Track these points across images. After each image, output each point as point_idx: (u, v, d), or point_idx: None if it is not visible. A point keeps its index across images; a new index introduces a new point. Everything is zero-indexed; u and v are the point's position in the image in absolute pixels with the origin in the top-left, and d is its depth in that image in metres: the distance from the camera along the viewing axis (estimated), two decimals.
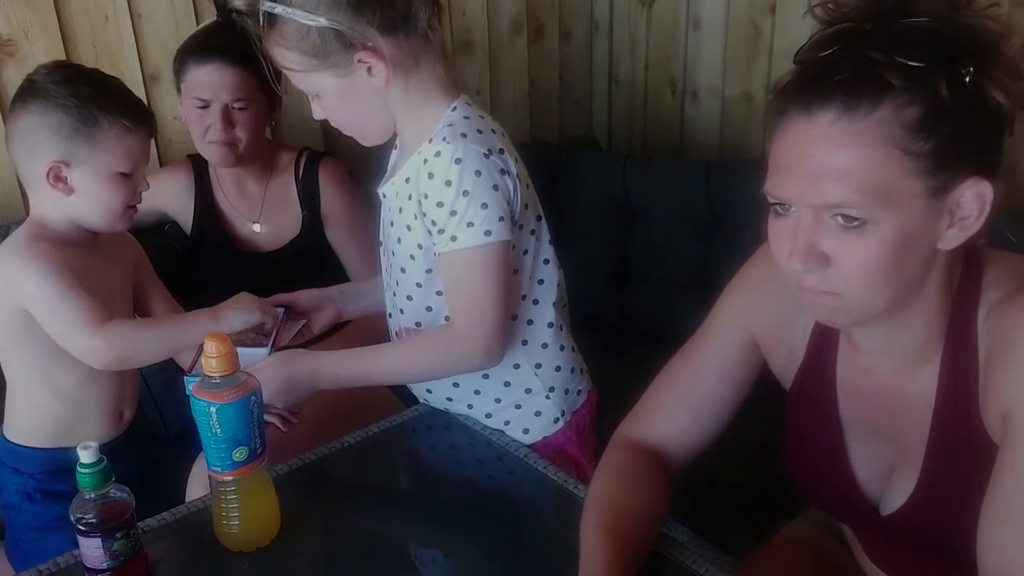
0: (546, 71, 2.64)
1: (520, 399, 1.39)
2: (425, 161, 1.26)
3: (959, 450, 0.94)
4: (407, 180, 1.30)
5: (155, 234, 1.94)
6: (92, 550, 1.03)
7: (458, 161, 1.23)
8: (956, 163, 0.85)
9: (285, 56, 1.25)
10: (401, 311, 1.40)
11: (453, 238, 1.25)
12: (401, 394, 1.79)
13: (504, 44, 2.52)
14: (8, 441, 1.49)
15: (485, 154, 1.24)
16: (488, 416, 1.40)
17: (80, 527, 1.02)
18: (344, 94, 1.26)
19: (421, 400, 1.48)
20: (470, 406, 1.41)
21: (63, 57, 1.88)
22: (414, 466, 1.36)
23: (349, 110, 1.30)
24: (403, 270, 1.36)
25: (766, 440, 1.16)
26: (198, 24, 2.01)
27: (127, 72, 1.97)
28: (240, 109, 1.74)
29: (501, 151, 1.27)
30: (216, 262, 1.90)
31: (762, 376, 1.14)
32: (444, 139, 1.24)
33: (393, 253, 1.38)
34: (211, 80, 1.72)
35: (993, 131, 0.86)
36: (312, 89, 1.28)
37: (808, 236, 0.88)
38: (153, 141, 2.02)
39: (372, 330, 1.78)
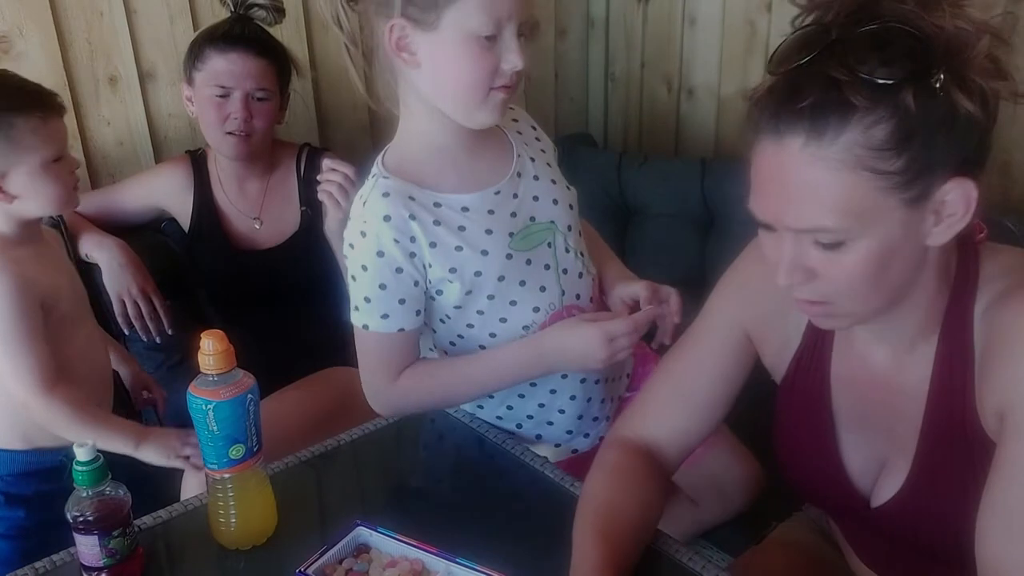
0: (542, 68, 2.64)
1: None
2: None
3: (951, 442, 0.94)
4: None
5: (152, 231, 1.94)
6: (89, 548, 1.03)
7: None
8: (932, 171, 0.84)
9: None
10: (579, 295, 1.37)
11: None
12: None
13: None
14: None
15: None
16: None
17: (77, 525, 1.02)
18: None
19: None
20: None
21: (58, 54, 1.88)
22: (410, 463, 1.36)
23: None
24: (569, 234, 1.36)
25: (760, 439, 1.17)
26: (194, 20, 2.00)
27: (122, 69, 1.97)
28: (260, 100, 1.76)
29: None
30: (214, 259, 1.90)
31: (758, 375, 1.14)
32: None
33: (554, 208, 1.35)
34: (235, 68, 1.73)
35: (972, 132, 0.84)
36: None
37: (792, 254, 0.89)
38: (150, 139, 2.04)
39: (345, 380, 1.78)
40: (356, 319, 1.28)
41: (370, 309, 1.26)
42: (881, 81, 0.81)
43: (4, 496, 1.47)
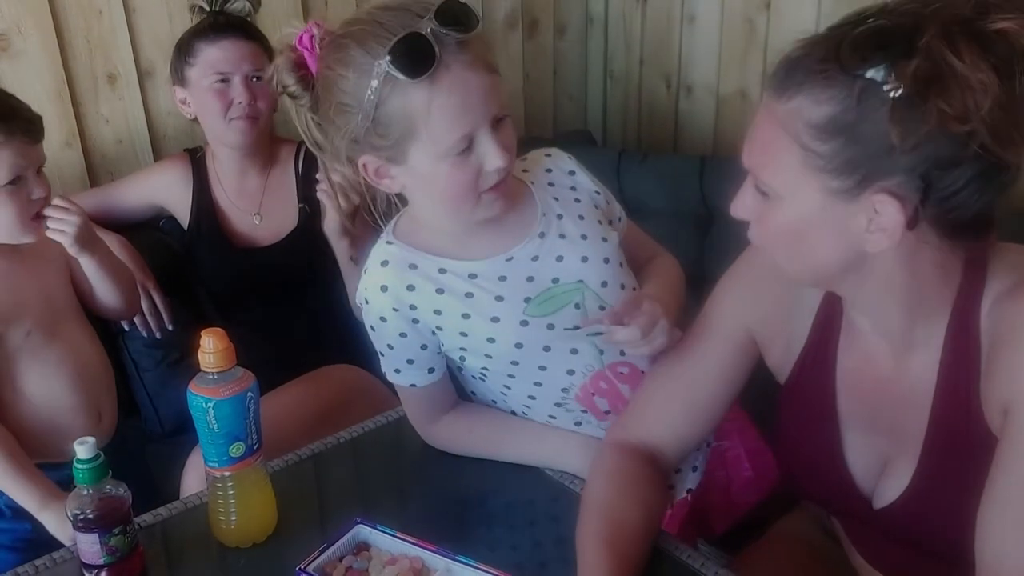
0: (541, 66, 2.64)
1: None
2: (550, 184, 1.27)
3: (957, 442, 0.94)
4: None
5: (151, 229, 1.94)
6: (89, 546, 1.03)
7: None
8: (861, 174, 0.84)
9: None
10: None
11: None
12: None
13: (499, 39, 2.52)
14: None
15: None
16: None
17: (77, 523, 1.02)
18: None
19: None
20: None
21: (57, 52, 1.88)
22: (410, 461, 1.36)
23: None
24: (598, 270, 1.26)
25: (763, 436, 1.17)
26: (192, 18, 2.00)
27: (121, 67, 1.97)
28: (259, 80, 1.77)
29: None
30: (213, 257, 1.90)
31: (760, 373, 1.14)
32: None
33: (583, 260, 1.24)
34: (229, 54, 1.74)
35: (931, 168, 0.82)
36: None
37: (745, 190, 0.95)
38: (149, 137, 2.03)
39: (344, 378, 1.78)
40: (382, 366, 1.30)
41: (386, 363, 1.27)
42: (845, 65, 0.82)
43: (11, 510, 1.47)
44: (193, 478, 1.52)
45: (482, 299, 1.20)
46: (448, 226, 1.20)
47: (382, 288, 1.20)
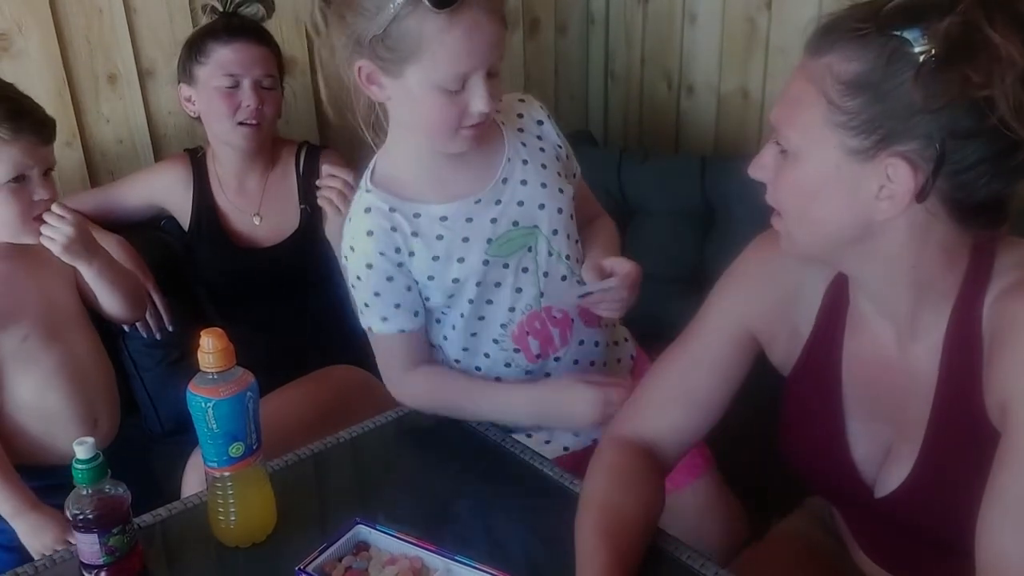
0: (542, 65, 2.64)
1: None
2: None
3: (959, 432, 0.94)
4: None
5: (151, 229, 1.94)
6: (88, 546, 1.03)
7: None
8: (880, 134, 0.86)
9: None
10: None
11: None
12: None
13: None
14: None
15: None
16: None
17: (77, 523, 1.02)
18: None
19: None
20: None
21: (58, 52, 1.88)
22: (409, 462, 1.36)
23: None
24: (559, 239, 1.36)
25: (762, 435, 1.17)
26: (193, 18, 2.00)
27: (121, 67, 1.97)
28: (267, 87, 1.77)
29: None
30: (213, 257, 1.90)
31: (763, 369, 1.14)
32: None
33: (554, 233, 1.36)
34: (241, 56, 1.74)
35: (953, 135, 0.84)
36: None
37: (766, 147, 0.97)
38: (149, 137, 2.03)
39: (344, 378, 1.78)
40: (362, 321, 1.34)
41: (371, 313, 1.32)
42: (881, 26, 0.84)
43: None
44: (193, 478, 1.52)
45: (451, 241, 1.28)
46: (417, 150, 1.28)
47: (368, 233, 1.27)
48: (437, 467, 1.33)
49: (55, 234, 1.46)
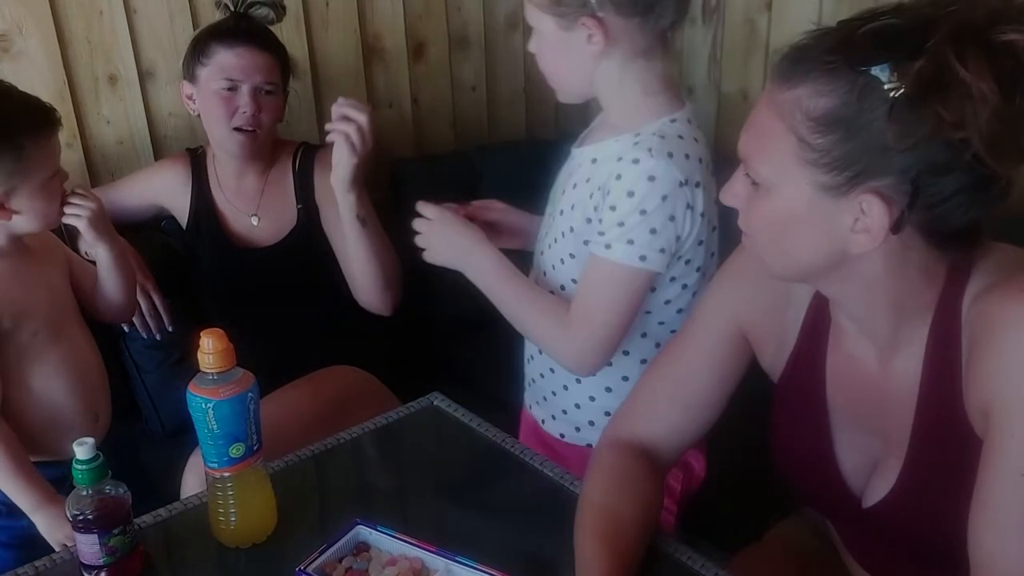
0: None
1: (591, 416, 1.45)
2: (619, 159, 1.26)
3: (942, 440, 0.94)
4: (593, 161, 1.34)
5: (151, 229, 1.94)
6: (88, 546, 1.03)
7: (651, 179, 1.24)
8: (853, 172, 0.84)
9: None
10: (545, 272, 1.43)
11: (608, 246, 1.27)
12: (396, 389, 1.80)
13: (500, 39, 2.52)
14: None
15: (681, 183, 1.24)
16: (553, 418, 1.48)
17: (77, 523, 1.02)
18: (557, 44, 1.29)
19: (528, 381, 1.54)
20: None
21: (58, 53, 1.88)
22: (410, 462, 1.36)
23: (554, 60, 1.33)
24: (557, 239, 1.39)
25: (760, 437, 1.17)
26: (193, 19, 2.00)
27: (122, 68, 1.97)
28: (268, 93, 1.76)
29: (697, 184, 1.27)
30: (212, 257, 1.90)
31: (757, 372, 1.14)
32: (649, 150, 1.24)
33: (561, 213, 1.39)
34: (243, 62, 1.73)
35: (925, 172, 0.82)
36: (535, 24, 1.31)
37: (737, 177, 0.95)
38: (149, 137, 2.04)
39: (344, 378, 1.78)
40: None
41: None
42: (851, 59, 0.82)
43: (7, 507, 1.47)
44: (193, 478, 1.52)
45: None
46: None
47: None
48: (437, 467, 1.34)
49: (80, 211, 1.49)
